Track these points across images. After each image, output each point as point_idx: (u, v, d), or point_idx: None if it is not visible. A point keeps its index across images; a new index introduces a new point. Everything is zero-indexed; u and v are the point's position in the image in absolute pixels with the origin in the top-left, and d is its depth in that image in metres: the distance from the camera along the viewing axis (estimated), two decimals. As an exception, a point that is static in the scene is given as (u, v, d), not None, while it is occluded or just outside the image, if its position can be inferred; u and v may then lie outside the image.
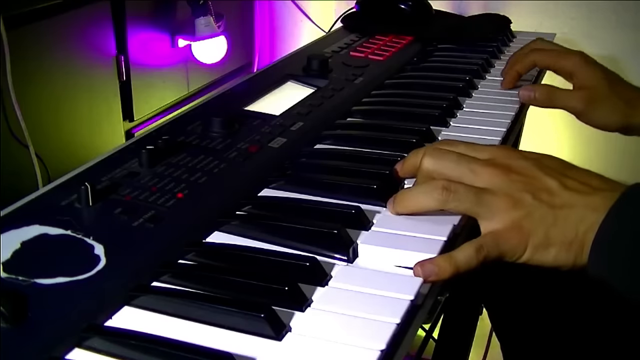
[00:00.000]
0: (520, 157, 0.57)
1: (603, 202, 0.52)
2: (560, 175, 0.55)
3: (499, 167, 0.55)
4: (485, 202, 0.53)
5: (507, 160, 0.56)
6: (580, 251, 0.52)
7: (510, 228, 0.53)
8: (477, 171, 0.55)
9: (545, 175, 0.55)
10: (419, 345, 1.08)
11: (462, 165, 0.56)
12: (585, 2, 1.36)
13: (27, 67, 0.95)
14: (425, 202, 0.55)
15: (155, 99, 1.25)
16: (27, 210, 0.54)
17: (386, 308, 0.45)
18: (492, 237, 0.53)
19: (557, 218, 0.53)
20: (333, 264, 0.51)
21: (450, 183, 0.54)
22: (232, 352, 0.41)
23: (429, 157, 0.57)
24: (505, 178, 0.54)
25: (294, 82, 0.87)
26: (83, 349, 0.43)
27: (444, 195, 0.54)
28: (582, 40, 1.38)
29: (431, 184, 0.55)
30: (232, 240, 0.54)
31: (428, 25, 1.12)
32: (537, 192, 0.53)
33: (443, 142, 0.62)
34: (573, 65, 0.81)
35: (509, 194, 0.53)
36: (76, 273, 0.47)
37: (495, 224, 0.53)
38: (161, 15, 1.23)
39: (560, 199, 0.53)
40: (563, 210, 0.53)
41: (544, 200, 0.53)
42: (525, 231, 0.53)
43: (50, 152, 0.99)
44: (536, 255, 0.53)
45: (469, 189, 0.54)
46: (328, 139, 0.73)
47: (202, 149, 0.66)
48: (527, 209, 0.53)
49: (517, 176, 0.55)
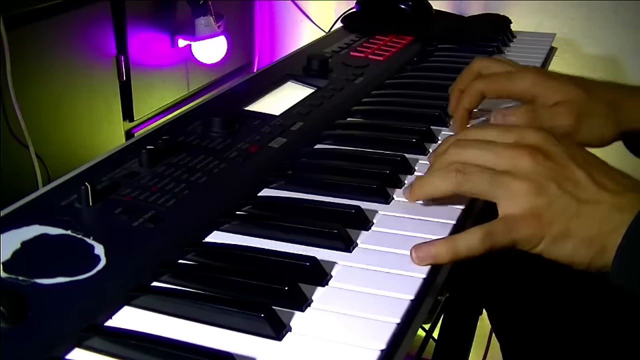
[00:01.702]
0: (552, 140, 0.53)
1: (631, 203, 0.49)
2: (591, 169, 0.52)
3: (526, 148, 0.52)
4: (504, 184, 0.51)
5: (537, 142, 0.53)
6: (600, 251, 0.49)
7: (529, 215, 0.50)
8: (500, 153, 0.53)
9: (575, 165, 0.51)
10: (419, 345, 1.08)
11: (485, 150, 0.53)
12: (585, 2, 1.36)
13: (27, 67, 0.95)
14: (440, 187, 0.54)
15: (155, 99, 1.25)
16: (27, 210, 0.54)
17: (386, 308, 0.45)
18: (505, 223, 0.50)
19: (580, 212, 0.50)
20: (333, 264, 0.51)
21: (465, 165, 0.52)
22: (232, 352, 0.41)
23: (454, 147, 0.55)
24: (531, 161, 0.51)
25: (294, 82, 0.87)
26: (83, 349, 0.43)
27: (457, 177, 0.52)
28: (582, 40, 1.38)
29: (446, 167, 0.54)
30: (232, 240, 0.54)
31: (428, 25, 1.12)
32: (564, 182, 0.50)
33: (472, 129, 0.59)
34: (530, 84, 0.68)
35: (533, 179, 0.51)
36: (76, 273, 0.47)
37: (513, 208, 0.51)
38: (161, 15, 1.23)
39: (586, 193, 0.50)
40: (588, 205, 0.50)
41: (569, 191, 0.50)
42: (544, 220, 0.50)
43: (50, 152, 0.99)
44: (553, 247, 0.50)
45: (483, 170, 0.52)
46: (328, 139, 0.73)
47: (202, 149, 0.66)
48: (550, 198, 0.50)
49: (545, 161, 0.51)
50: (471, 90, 0.70)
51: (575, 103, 0.66)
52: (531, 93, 0.68)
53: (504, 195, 0.51)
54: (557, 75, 0.69)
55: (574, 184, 0.51)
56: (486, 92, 0.70)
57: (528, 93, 0.68)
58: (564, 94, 0.66)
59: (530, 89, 0.67)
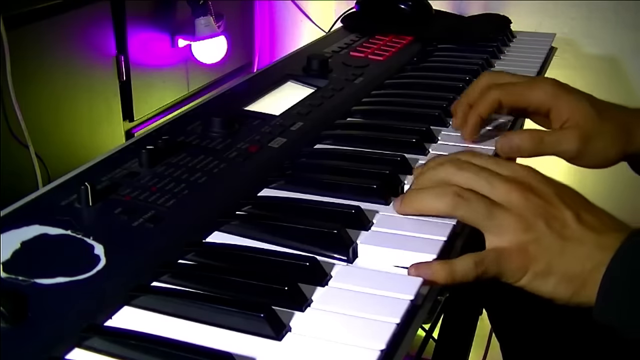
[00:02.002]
0: (542, 180, 0.55)
1: (614, 243, 0.50)
2: (578, 208, 0.53)
3: (519, 185, 0.53)
4: (496, 217, 0.52)
5: (529, 180, 0.54)
6: (581, 288, 0.51)
7: (515, 249, 0.52)
8: (495, 185, 0.53)
9: (562, 205, 0.53)
10: (419, 345, 1.08)
11: (480, 177, 0.54)
12: (585, 2, 1.36)
13: (27, 67, 0.95)
14: (434, 205, 0.54)
15: (155, 99, 1.25)
16: (27, 210, 0.54)
17: (386, 308, 0.45)
18: (495, 254, 0.52)
19: (564, 250, 0.51)
20: (333, 264, 0.51)
21: (464, 190, 0.53)
22: (232, 352, 0.41)
23: (450, 166, 0.56)
24: (522, 197, 0.53)
25: (294, 82, 0.87)
26: (83, 349, 0.43)
27: (454, 200, 0.53)
28: (582, 40, 1.38)
29: (444, 188, 0.54)
30: (232, 240, 0.54)
31: (428, 25, 1.12)
32: (551, 220, 0.52)
33: (466, 152, 0.59)
34: (550, 96, 0.67)
35: (523, 215, 0.52)
36: (76, 273, 0.47)
37: (501, 241, 0.52)
38: (161, 15, 1.23)
39: (571, 232, 0.52)
40: (572, 244, 0.51)
41: (555, 230, 0.52)
42: (529, 256, 0.51)
43: (50, 152, 0.99)
44: (534, 282, 0.52)
45: (481, 200, 0.53)
46: (328, 139, 0.73)
47: (202, 149, 0.66)
48: (537, 235, 0.52)
49: (535, 199, 0.53)
50: (488, 98, 0.69)
51: (584, 125, 0.65)
52: (548, 105, 0.67)
53: (494, 227, 0.52)
54: (573, 90, 0.68)
55: (561, 222, 0.52)
56: (503, 101, 0.69)
57: (545, 105, 0.67)
58: (576, 112, 0.65)
59: (547, 101, 0.67)
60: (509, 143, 0.66)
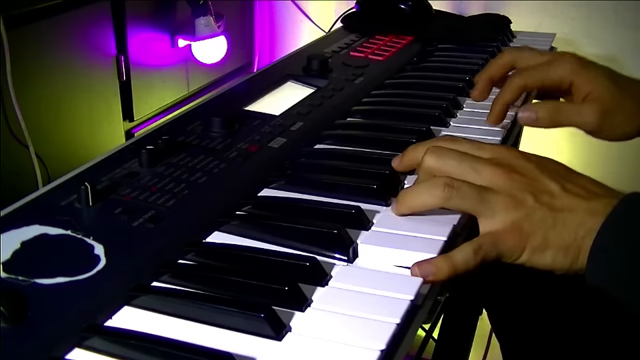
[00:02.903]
0: (523, 157, 0.56)
1: (603, 208, 0.51)
2: (562, 179, 0.54)
3: (502, 166, 0.54)
4: (488, 201, 0.53)
5: (510, 160, 0.55)
6: (577, 256, 0.52)
7: (510, 229, 0.52)
8: (479, 169, 0.54)
9: (547, 178, 0.54)
10: (419, 345, 1.08)
11: (464, 163, 0.55)
12: (585, 2, 1.36)
13: (27, 67, 0.95)
14: (427, 200, 0.54)
15: (155, 99, 1.25)
16: (27, 210, 0.54)
17: (386, 308, 0.45)
18: (491, 237, 0.52)
19: (556, 221, 0.52)
20: (333, 264, 0.51)
21: (453, 180, 0.53)
22: (232, 352, 0.41)
23: (431, 155, 0.56)
24: (507, 178, 0.54)
25: (294, 82, 0.87)
26: (83, 349, 0.43)
27: (446, 192, 0.53)
28: (582, 40, 1.38)
29: (433, 181, 0.54)
30: (232, 240, 0.54)
31: (428, 25, 1.12)
32: (539, 194, 0.53)
33: (445, 139, 0.61)
34: (569, 72, 0.70)
35: (511, 194, 0.53)
36: (76, 273, 0.47)
37: (495, 223, 0.53)
38: (161, 15, 1.23)
39: (560, 202, 0.53)
40: (563, 214, 0.52)
41: (544, 203, 0.53)
42: (524, 233, 0.52)
43: (50, 152, 0.99)
44: (533, 258, 0.53)
45: (472, 187, 0.53)
46: (328, 139, 0.73)
47: (202, 149, 0.66)
48: (528, 210, 0.52)
49: (520, 177, 0.54)
50: (512, 86, 0.72)
51: (604, 99, 0.68)
52: (569, 81, 0.70)
53: (486, 211, 0.53)
54: (593, 64, 0.70)
55: (549, 194, 0.53)
56: (527, 86, 0.72)
57: (566, 81, 0.70)
58: (597, 86, 0.68)
59: (568, 76, 0.69)
60: (529, 114, 0.69)
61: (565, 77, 0.70)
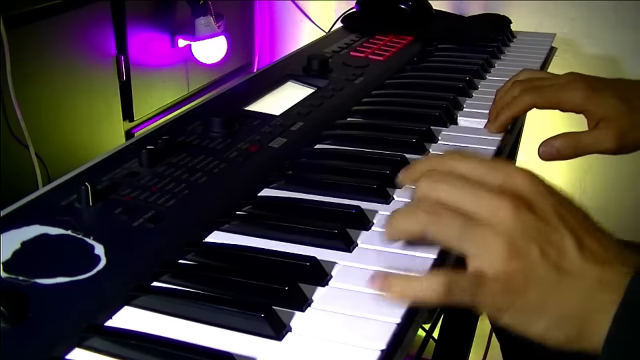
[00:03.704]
0: (542, 191, 0.45)
1: (617, 279, 0.42)
2: (580, 232, 0.44)
3: (511, 198, 0.44)
4: (475, 237, 0.43)
5: (525, 192, 0.45)
6: (579, 332, 0.43)
7: (498, 278, 0.42)
8: (480, 196, 0.44)
9: (563, 226, 0.43)
10: (419, 345, 1.09)
11: (463, 189, 0.45)
12: (585, 2, 1.36)
13: (27, 67, 0.95)
14: (405, 227, 0.46)
15: (155, 99, 1.25)
16: (27, 210, 0.54)
17: (386, 308, 0.45)
18: (473, 279, 0.43)
19: (561, 285, 0.42)
20: (333, 264, 0.51)
21: (436, 206, 0.44)
22: (232, 352, 0.41)
23: (424, 180, 0.47)
24: (513, 214, 0.43)
25: (294, 82, 0.87)
26: (83, 349, 0.43)
27: (424, 218, 0.44)
28: (582, 40, 1.38)
29: (416, 205, 0.46)
30: (232, 240, 0.54)
31: (428, 25, 1.12)
32: (547, 246, 0.43)
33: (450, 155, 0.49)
34: (581, 99, 0.69)
35: (512, 238, 0.43)
36: (76, 273, 0.47)
37: (482, 265, 0.43)
38: (161, 15, 1.23)
39: (570, 264, 0.43)
40: (571, 278, 0.43)
41: (551, 259, 0.43)
42: (515, 288, 0.42)
43: (50, 152, 0.99)
44: (521, 321, 0.43)
45: (456, 217, 0.44)
46: (328, 139, 0.73)
47: (202, 149, 0.66)
48: (528, 263, 0.42)
49: (530, 216, 0.43)
50: (523, 102, 0.72)
51: (618, 122, 0.68)
52: (581, 108, 0.70)
53: (475, 250, 0.43)
54: (602, 88, 0.70)
55: (558, 250, 0.43)
56: (537, 105, 0.72)
57: (578, 108, 0.70)
58: (609, 110, 0.68)
59: (580, 105, 0.70)
60: (550, 149, 0.69)
61: (577, 104, 0.70)
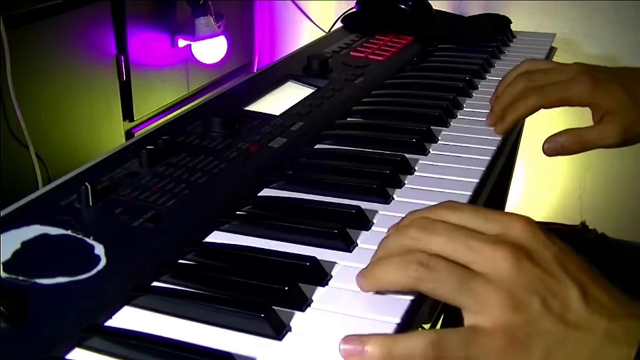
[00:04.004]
0: (542, 240, 0.43)
1: (627, 333, 0.40)
2: (585, 283, 0.42)
3: (510, 248, 0.42)
4: (473, 291, 0.41)
5: (524, 241, 0.43)
6: None
7: (499, 333, 0.40)
8: (476, 248, 0.42)
9: (566, 277, 0.41)
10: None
11: (457, 240, 0.43)
12: (585, 2, 1.36)
13: (27, 67, 0.95)
14: (395, 278, 0.44)
15: (155, 99, 1.25)
16: (27, 210, 0.54)
17: (386, 308, 0.45)
18: (464, 335, 0.41)
19: (566, 339, 0.40)
20: (333, 264, 0.51)
21: (430, 258, 0.42)
22: (232, 352, 0.41)
23: (415, 228, 0.45)
24: (514, 265, 0.41)
25: (294, 82, 0.87)
26: (83, 349, 0.43)
27: (418, 271, 0.42)
28: (582, 40, 1.38)
29: (406, 256, 0.43)
30: (232, 240, 0.54)
31: (428, 25, 1.12)
32: (551, 298, 0.41)
33: (444, 206, 0.47)
34: (588, 94, 0.68)
35: (513, 290, 0.41)
36: (76, 273, 0.47)
37: (481, 320, 0.41)
38: (161, 15, 1.23)
39: (576, 316, 0.41)
40: (577, 333, 0.40)
41: (555, 311, 0.41)
42: (517, 344, 0.40)
43: (50, 152, 0.99)
44: None
45: (453, 269, 0.42)
46: (328, 139, 0.73)
47: (202, 149, 0.66)
48: (530, 316, 0.40)
49: (531, 267, 0.41)
50: (528, 104, 0.70)
51: (622, 115, 0.67)
52: (587, 103, 0.68)
53: (473, 304, 0.41)
54: (607, 79, 0.68)
55: (562, 302, 0.41)
56: (544, 106, 0.70)
57: (584, 103, 0.69)
58: (614, 103, 0.67)
59: (587, 99, 0.68)
60: (554, 145, 0.68)
61: (583, 99, 0.68)
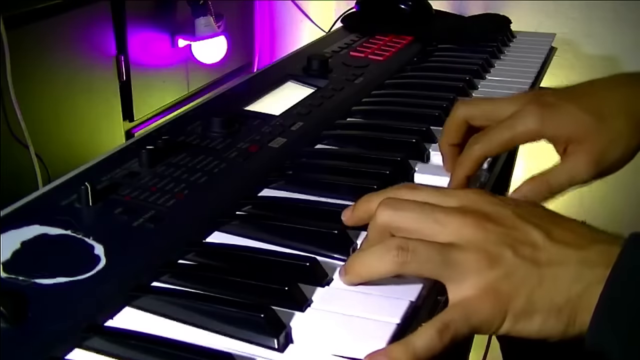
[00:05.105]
0: (497, 202, 0.47)
1: (600, 257, 0.43)
2: (546, 225, 0.45)
3: (471, 214, 0.45)
4: (454, 262, 0.43)
5: (482, 207, 0.46)
6: (573, 318, 0.43)
7: (484, 293, 0.43)
8: (442, 221, 0.45)
9: (528, 225, 0.44)
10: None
11: (424, 215, 0.45)
12: (585, 2, 1.36)
13: (27, 67, 0.95)
14: (378, 267, 0.45)
15: (155, 99, 1.25)
16: (27, 210, 0.54)
17: (386, 308, 0.45)
18: (461, 309, 0.43)
19: (543, 278, 0.43)
20: (333, 264, 0.51)
21: (408, 241, 0.44)
22: (232, 352, 0.41)
23: (384, 208, 0.47)
24: (478, 228, 0.44)
25: (294, 82, 0.87)
26: (83, 349, 0.43)
27: (400, 256, 0.44)
28: (582, 40, 1.38)
29: (385, 243, 0.45)
30: (232, 240, 0.54)
31: (428, 25, 1.12)
32: (519, 246, 0.44)
33: (404, 187, 0.50)
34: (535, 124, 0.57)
35: (484, 249, 0.43)
36: (76, 273, 0.47)
37: (466, 289, 0.43)
38: (161, 15, 1.23)
39: (546, 255, 0.43)
40: (551, 269, 0.43)
41: (527, 257, 0.43)
42: (503, 295, 0.43)
43: (50, 152, 0.99)
44: (518, 325, 0.44)
45: (431, 247, 0.44)
46: (328, 139, 0.73)
47: (202, 149, 0.66)
48: (506, 268, 0.43)
49: (494, 226, 0.44)
50: (472, 156, 0.59)
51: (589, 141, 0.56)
52: (540, 135, 0.57)
53: (454, 275, 0.44)
54: (559, 100, 0.58)
55: (531, 246, 0.44)
56: (490, 154, 0.60)
57: (537, 136, 0.58)
58: (572, 127, 0.56)
59: (537, 131, 0.57)
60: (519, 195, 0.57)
61: (533, 132, 0.57)
